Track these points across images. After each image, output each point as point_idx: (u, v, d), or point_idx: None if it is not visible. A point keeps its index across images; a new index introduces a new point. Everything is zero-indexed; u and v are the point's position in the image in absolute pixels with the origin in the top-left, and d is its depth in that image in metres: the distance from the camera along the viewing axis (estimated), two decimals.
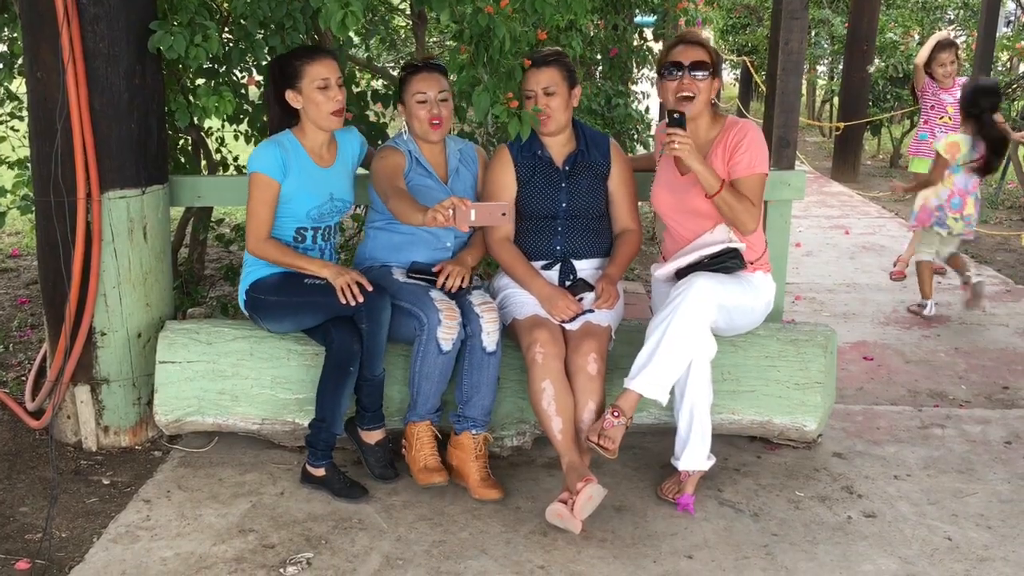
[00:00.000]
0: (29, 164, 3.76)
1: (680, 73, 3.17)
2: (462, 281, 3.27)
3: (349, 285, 3.06)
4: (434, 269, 3.31)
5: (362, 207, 4.05)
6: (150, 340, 3.45)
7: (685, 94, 3.16)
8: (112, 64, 3.19)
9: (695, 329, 2.96)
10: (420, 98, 3.29)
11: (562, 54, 3.37)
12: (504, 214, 2.91)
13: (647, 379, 2.95)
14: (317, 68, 3.15)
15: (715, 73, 3.22)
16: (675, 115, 3.04)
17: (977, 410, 3.92)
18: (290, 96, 3.19)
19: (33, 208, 3.45)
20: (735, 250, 3.14)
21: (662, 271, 3.27)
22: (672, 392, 3.06)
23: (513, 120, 3.13)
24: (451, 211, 2.81)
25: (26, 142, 3.63)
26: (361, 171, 3.50)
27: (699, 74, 3.16)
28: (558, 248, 3.36)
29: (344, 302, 3.05)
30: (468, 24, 3.15)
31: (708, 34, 20.00)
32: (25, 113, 3.70)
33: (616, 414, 2.94)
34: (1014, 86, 8.54)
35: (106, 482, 3.24)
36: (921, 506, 3.10)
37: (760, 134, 3.19)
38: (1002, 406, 3.99)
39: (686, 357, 2.98)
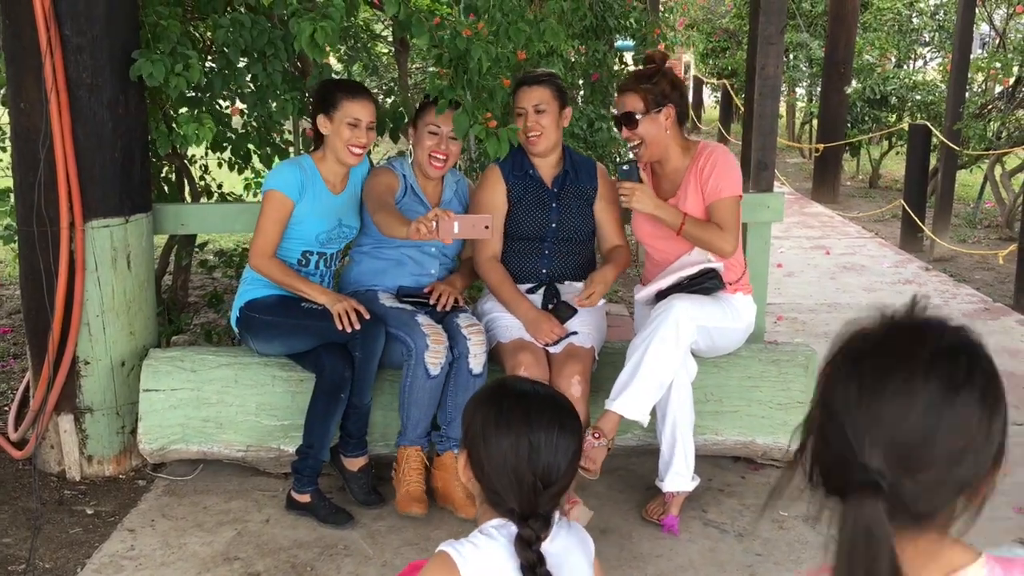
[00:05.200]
0: (12, 194, 3.76)
1: (622, 127, 3.22)
2: (454, 301, 3.29)
3: (347, 312, 3.08)
4: (425, 290, 3.33)
5: None
6: (134, 368, 3.44)
7: (632, 144, 3.22)
8: (95, 94, 3.21)
9: (675, 351, 2.98)
10: (432, 130, 3.32)
11: (554, 75, 3.42)
12: (487, 227, 2.90)
13: (627, 401, 2.97)
14: (354, 107, 3.21)
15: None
16: (624, 166, 3.13)
17: None
18: (320, 121, 3.24)
19: (16, 238, 3.44)
20: (713, 270, 3.17)
21: (643, 293, 3.31)
22: (654, 414, 3.08)
23: (491, 139, 3.17)
24: (434, 223, 2.83)
25: (9, 172, 3.64)
26: None
27: (633, 122, 3.17)
28: (544, 271, 3.38)
29: (340, 328, 3.06)
30: (447, 47, 3.19)
31: (688, 57, 20.21)
32: (8, 143, 3.71)
33: (597, 435, 2.96)
34: (989, 107, 8.65)
35: (90, 512, 3.22)
36: None
37: (728, 157, 3.20)
38: None
39: (666, 378, 3.00)
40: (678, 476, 3.07)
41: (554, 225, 3.36)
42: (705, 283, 3.16)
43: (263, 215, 3.19)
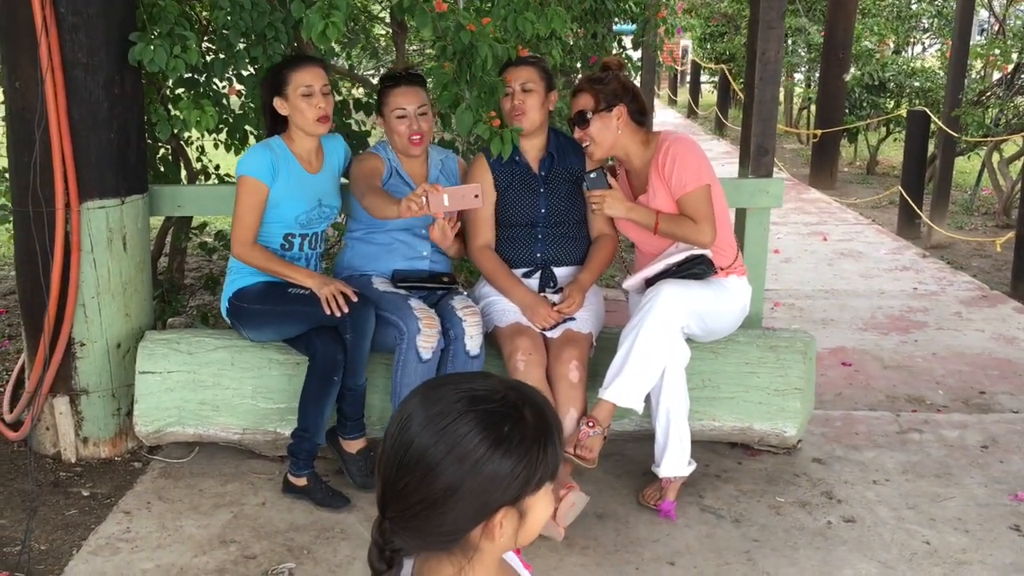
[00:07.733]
0: (7, 174, 3.74)
1: (575, 128, 3.20)
2: (450, 281, 3.33)
3: (334, 295, 3.06)
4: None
5: (342, 217, 4.05)
6: (130, 350, 3.43)
7: (584, 145, 3.21)
8: (91, 74, 3.19)
9: (665, 336, 2.98)
10: (399, 113, 3.30)
11: (540, 59, 3.42)
12: (477, 196, 2.89)
13: (620, 388, 2.97)
14: (302, 75, 3.16)
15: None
16: (591, 174, 3.13)
17: (954, 415, 3.96)
18: (278, 103, 3.20)
19: (11, 218, 3.43)
20: (702, 256, 3.15)
21: (631, 281, 3.30)
22: (649, 399, 3.07)
23: (495, 139, 3.15)
24: (424, 199, 2.82)
25: (4, 152, 3.61)
26: (343, 180, 3.51)
27: (584, 120, 3.17)
28: (538, 256, 3.37)
29: (329, 312, 3.05)
30: (451, 40, 3.16)
31: (687, 42, 20.11)
32: (3, 123, 3.68)
33: (591, 424, 2.95)
34: (988, 94, 8.63)
35: (85, 494, 3.21)
36: (900, 511, 3.13)
37: (686, 147, 3.15)
38: (979, 411, 4.03)
39: (658, 364, 3.00)
40: (674, 462, 3.07)
41: (543, 211, 3.35)
42: (694, 268, 3.13)
43: (238, 202, 3.17)
